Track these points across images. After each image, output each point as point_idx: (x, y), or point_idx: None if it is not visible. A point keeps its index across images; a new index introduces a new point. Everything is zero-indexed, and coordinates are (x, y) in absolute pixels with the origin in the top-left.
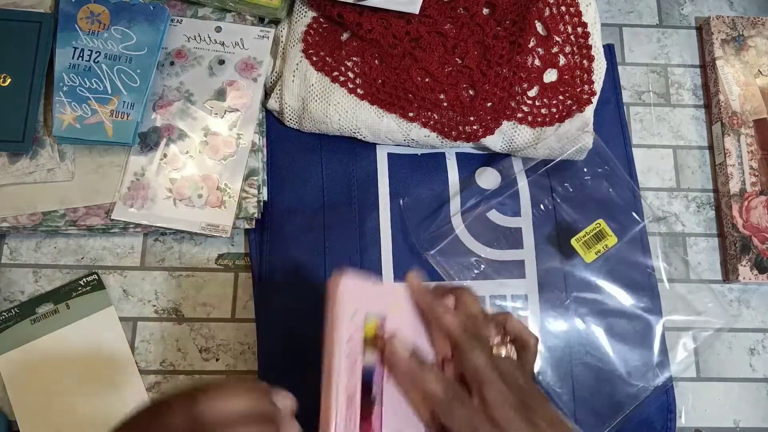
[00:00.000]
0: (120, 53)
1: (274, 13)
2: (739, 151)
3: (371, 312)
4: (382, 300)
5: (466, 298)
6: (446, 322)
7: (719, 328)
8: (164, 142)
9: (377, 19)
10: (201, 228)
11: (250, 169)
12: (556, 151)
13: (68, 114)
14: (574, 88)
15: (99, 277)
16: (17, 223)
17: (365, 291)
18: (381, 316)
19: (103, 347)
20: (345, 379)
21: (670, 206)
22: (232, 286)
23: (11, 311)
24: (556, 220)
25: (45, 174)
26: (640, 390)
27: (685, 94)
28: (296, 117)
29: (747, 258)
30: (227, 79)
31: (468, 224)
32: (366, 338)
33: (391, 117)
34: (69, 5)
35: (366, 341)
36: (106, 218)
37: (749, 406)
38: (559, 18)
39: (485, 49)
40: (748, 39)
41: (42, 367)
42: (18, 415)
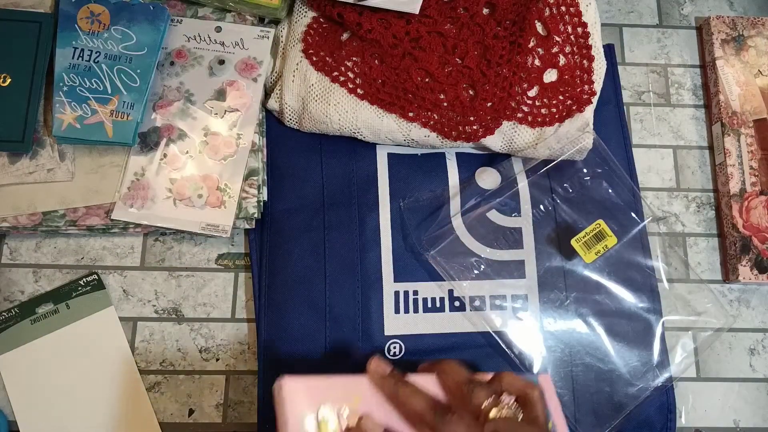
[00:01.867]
0: (120, 53)
1: (274, 13)
2: (739, 151)
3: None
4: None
5: (447, 367)
6: (413, 404)
7: (719, 328)
8: (164, 142)
9: (377, 19)
10: (201, 228)
11: (250, 169)
12: (556, 151)
13: (68, 114)
14: (574, 88)
15: (99, 277)
16: (17, 223)
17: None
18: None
19: (103, 347)
20: None
21: (670, 206)
22: (232, 286)
23: (11, 311)
24: (556, 221)
25: (45, 174)
26: (640, 390)
27: (685, 94)
28: (296, 117)
29: (747, 258)
30: (227, 79)
31: (468, 224)
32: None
33: (391, 117)
34: (69, 5)
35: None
36: (106, 218)
37: (749, 406)
38: (559, 18)
39: (485, 49)
40: (748, 39)
41: (42, 367)
42: (18, 415)
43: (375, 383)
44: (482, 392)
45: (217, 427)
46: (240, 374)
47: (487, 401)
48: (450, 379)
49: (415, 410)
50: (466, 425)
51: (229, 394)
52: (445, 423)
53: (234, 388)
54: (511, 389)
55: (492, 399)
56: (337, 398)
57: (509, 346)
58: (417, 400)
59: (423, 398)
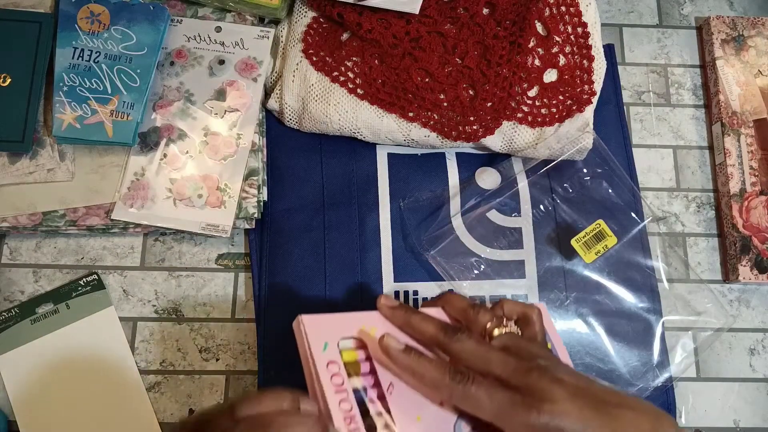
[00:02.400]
0: (120, 53)
1: (274, 13)
2: (739, 151)
3: (344, 341)
4: (352, 328)
5: (449, 298)
6: (425, 329)
7: (719, 328)
8: (164, 142)
9: (377, 19)
10: (201, 228)
11: (250, 169)
12: (556, 151)
13: (68, 114)
14: (574, 88)
15: (99, 277)
16: (17, 223)
17: (331, 323)
18: (357, 343)
19: (103, 347)
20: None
21: (670, 206)
22: (232, 286)
23: (11, 311)
24: (556, 221)
25: (45, 174)
26: (640, 390)
27: (685, 94)
28: (296, 117)
29: (747, 258)
30: (227, 79)
31: (468, 224)
32: (347, 364)
33: (391, 117)
34: (69, 5)
35: (348, 368)
36: (106, 218)
37: (749, 406)
38: (559, 18)
39: (485, 49)
40: (748, 39)
41: (42, 367)
42: (18, 415)
43: (386, 316)
44: (486, 314)
45: None
46: (240, 374)
47: (490, 322)
48: (453, 307)
49: (428, 334)
50: (475, 341)
51: (229, 394)
52: (456, 341)
53: (234, 388)
54: (511, 312)
55: (495, 320)
56: (354, 330)
57: None
58: (428, 325)
59: (433, 322)
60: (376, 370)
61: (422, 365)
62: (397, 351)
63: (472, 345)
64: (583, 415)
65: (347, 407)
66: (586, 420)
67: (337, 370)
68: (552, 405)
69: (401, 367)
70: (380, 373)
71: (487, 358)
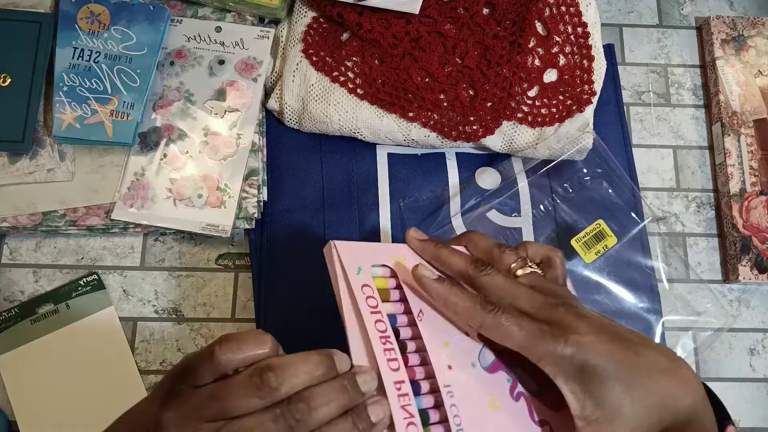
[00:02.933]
0: (120, 53)
1: (274, 13)
2: (739, 151)
3: (375, 268)
4: (382, 257)
5: (474, 237)
6: (454, 263)
7: (719, 328)
8: (164, 142)
9: (377, 19)
10: (201, 228)
11: (250, 169)
12: (556, 151)
13: (68, 114)
14: (574, 88)
15: (99, 277)
16: (17, 223)
17: (362, 250)
18: (387, 271)
19: (103, 347)
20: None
21: (670, 206)
22: (232, 286)
23: (11, 311)
24: (556, 221)
25: (45, 174)
26: None
27: (685, 94)
28: (296, 117)
29: (747, 258)
30: (227, 79)
31: (468, 224)
32: (378, 290)
33: (391, 117)
34: (69, 5)
35: (379, 294)
36: (106, 218)
37: (749, 406)
38: (559, 18)
39: (485, 49)
40: (748, 39)
41: (42, 367)
42: (18, 415)
43: (415, 248)
44: (511, 255)
45: None
46: None
47: (515, 263)
48: (477, 246)
49: (457, 267)
50: (503, 276)
51: None
52: (484, 274)
53: None
54: (535, 255)
55: (519, 260)
56: (383, 259)
57: None
58: (457, 259)
59: (462, 256)
60: (406, 299)
61: (455, 294)
62: (431, 281)
63: (500, 279)
64: (607, 348)
65: (382, 328)
66: (609, 353)
67: (372, 293)
68: (579, 336)
69: (434, 296)
70: (411, 301)
71: (514, 293)
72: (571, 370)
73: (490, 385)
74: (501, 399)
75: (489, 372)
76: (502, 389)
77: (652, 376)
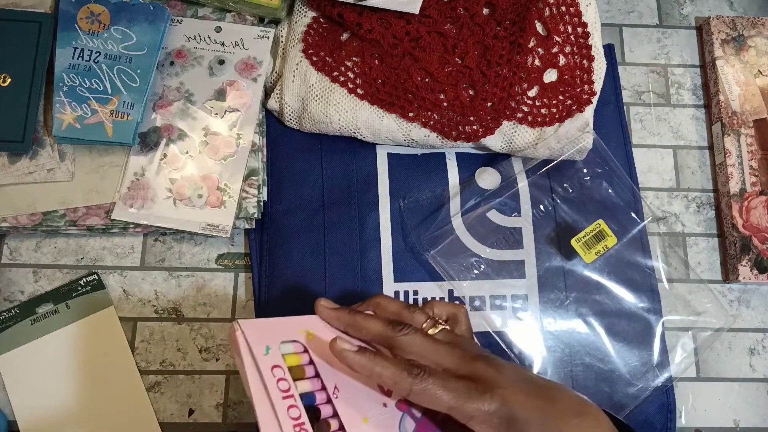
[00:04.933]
0: (120, 53)
1: (274, 13)
2: (739, 151)
3: (284, 344)
4: (291, 332)
5: (381, 301)
6: (370, 326)
7: (719, 328)
8: (164, 142)
9: (377, 19)
10: (201, 228)
11: (250, 169)
12: (556, 151)
13: (68, 114)
14: (574, 88)
15: (99, 277)
16: (17, 223)
17: (269, 327)
18: (298, 346)
19: (103, 347)
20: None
21: (670, 206)
22: (232, 286)
23: (11, 311)
24: (556, 221)
25: (45, 174)
26: (640, 390)
27: (685, 94)
28: (296, 117)
29: (747, 258)
30: (227, 79)
31: (468, 224)
32: (291, 368)
33: (391, 117)
34: (69, 5)
35: (292, 372)
36: (106, 218)
37: (749, 406)
38: (559, 18)
39: (485, 49)
40: (748, 39)
41: (42, 367)
42: (18, 415)
43: (328, 318)
44: (421, 315)
45: (217, 427)
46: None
47: (425, 323)
48: (386, 310)
49: (374, 331)
50: (421, 335)
51: (229, 394)
52: (402, 335)
53: (234, 388)
54: (441, 313)
55: (429, 320)
56: (292, 334)
57: (509, 347)
58: (372, 322)
59: (379, 319)
60: (319, 374)
61: (379, 364)
62: (352, 354)
63: (419, 338)
64: (528, 399)
65: (296, 414)
66: (530, 404)
67: (283, 374)
68: (503, 390)
69: (358, 368)
70: (324, 377)
71: (435, 350)
72: (498, 423)
73: None
74: None
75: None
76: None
77: (569, 421)
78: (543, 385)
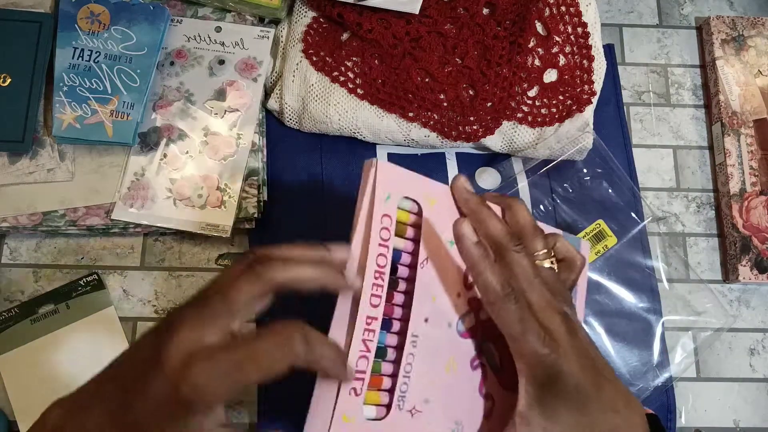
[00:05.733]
0: (120, 53)
1: (274, 13)
2: (739, 151)
3: (405, 199)
4: (417, 191)
5: (516, 208)
6: (491, 227)
7: (719, 328)
8: (164, 142)
9: (377, 19)
10: (201, 228)
11: (250, 169)
12: (556, 151)
13: (68, 114)
14: (574, 88)
15: (99, 277)
16: (17, 223)
17: (401, 177)
18: (414, 206)
19: (103, 347)
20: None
21: (670, 206)
22: None
23: (11, 311)
24: (556, 221)
25: (45, 174)
26: (640, 390)
27: (685, 94)
28: (296, 117)
29: (747, 258)
30: (227, 79)
31: None
32: (398, 223)
33: (391, 117)
34: (69, 5)
35: (397, 227)
36: (106, 218)
37: (749, 406)
38: (559, 18)
39: (485, 49)
40: (748, 39)
41: (42, 367)
42: (18, 415)
43: (459, 195)
44: (541, 241)
45: None
46: None
47: (541, 251)
48: (517, 216)
49: (492, 232)
50: (530, 261)
51: None
52: (515, 251)
53: None
54: (560, 251)
55: (545, 252)
56: (417, 194)
57: None
58: (496, 224)
59: (502, 224)
60: (419, 240)
61: (484, 265)
62: (470, 243)
63: (527, 263)
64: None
65: (383, 263)
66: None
67: (389, 225)
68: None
69: (466, 256)
70: (421, 247)
71: (532, 282)
72: (541, 378)
73: (455, 348)
74: (460, 364)
75: (461, 336)
76: (465, 356)
77: (605, 413)
78: (600, 367)
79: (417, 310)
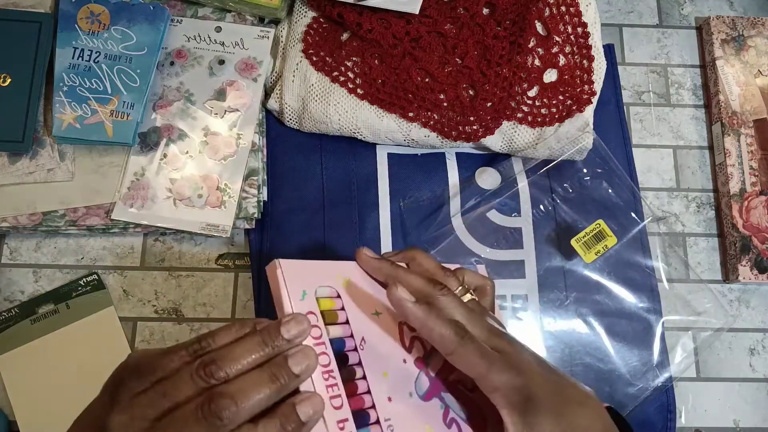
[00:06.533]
0: (120, 53)
1: (274, 13)
2: (739, 151)
3: (321, 287)
4: (329, 278)
5: (420, 258)
6: (412, 282)
7: (719, 328)
8: (164, 142)
9: (377, 19)
10: (201, 228)
11: (250, 169)
12: (556, 151)
13: (68, 114)
14: (574, 88)
15: (99, 277)
16: (17, 223)
17: (308, 270)
18: (333, 292)
19: (103, 347)
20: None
21: (670, 206)
22: (232, 286)
23: (11, 311)
24: (556, 221)
25: (45, 174)
26: (640, 390)
27: (685, 94)
28: (296, 117)
29: (747, 258)
30: (227, 79)
31: (468, 224)
32: (324, 313)
33: (391, 117)
34: (69, 5)
35: (325, 316)
36: (106, 218)
37: (749, 406)
38: (559, 18)
39: (485, 49)
40: (748, 39)
41: (42, 367)
42: (18, 415)
43: (369, 267)
44: (454, 280)
45: None
46: None
47: (458, 288)
48: (422, 267)
49: (415, 286)
50: (458, 300)
51: None
52: (442, 295)
53: None
54: (470, 282)
55: (462, 288)
56: (329, 279)
57: None
58: (414, 279)
59: (419, 276)
60: (349, 322)
61: (433, 320)
62: (410, 303)
63: (457, 303)
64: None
65: (325, 361)
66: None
67: (316, 321)
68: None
69: (412, 318)
70: (354, 328)
71: (469, 317)
72: (517, 400)
73: (425, 415)
74: (435, 427)
75: (424, 400)
76: (436, 417)
77: (574, 410)
78: (554, 370)
79: (376, 393)
